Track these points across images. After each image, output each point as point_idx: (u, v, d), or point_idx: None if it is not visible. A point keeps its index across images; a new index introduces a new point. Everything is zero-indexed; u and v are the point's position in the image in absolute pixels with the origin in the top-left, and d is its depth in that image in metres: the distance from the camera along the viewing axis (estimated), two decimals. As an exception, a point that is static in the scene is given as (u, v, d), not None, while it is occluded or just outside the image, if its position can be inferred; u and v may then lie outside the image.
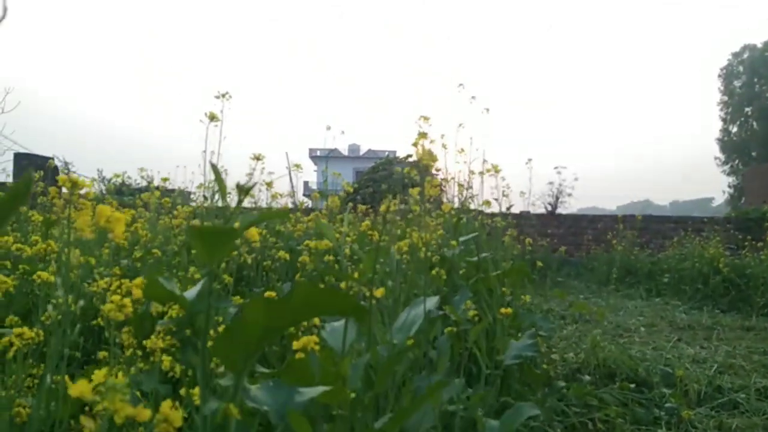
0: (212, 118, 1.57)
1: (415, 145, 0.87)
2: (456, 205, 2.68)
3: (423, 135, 0.86)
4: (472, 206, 2.84)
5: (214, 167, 0.54)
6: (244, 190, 0.55)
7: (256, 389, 0.69)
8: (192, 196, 4.87)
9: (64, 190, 0.90)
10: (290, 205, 4.68)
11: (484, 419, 1.19)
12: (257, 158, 2.01)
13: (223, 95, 1.76)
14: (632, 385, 2.82)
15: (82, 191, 0.79)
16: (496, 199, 3.07)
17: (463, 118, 2.22)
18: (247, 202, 4.64)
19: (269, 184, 2.65)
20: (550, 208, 12.56)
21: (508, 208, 3.39)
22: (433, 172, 3.01)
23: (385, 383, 0.80)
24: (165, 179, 3.49)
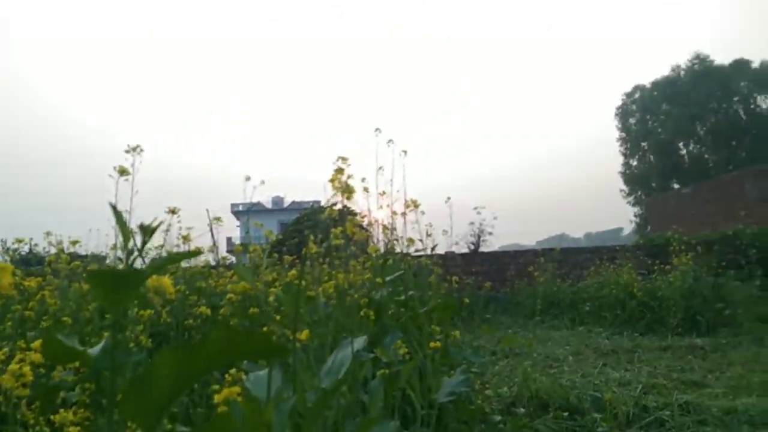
0: (122, 172, 1.50)
1: (332, 181, 0.87)
2: (382, 248, 2.70)
3: (340, 171, 0.87)
4: (397, 249, 2.87)
5: (113, 208, 0.51)
6: (148, 231, 0.52)
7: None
8: (107, 261, 4.61)
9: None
10: (212, 262, 4.52)
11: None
12: (172, 212, 1.93)
13: (134, 149, 1.70)
14: (565, 414, 2.88)
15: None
16: (420, 240, 3.12)
17: (383, 161, 2.27)
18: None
19: (186, 238, 2.54)
20: (473, 247, 12.92)
21: (432, 248, 3.44)
22: (358, 218, 3.02)
23: (313, 428, 0.76)
24: (75, 242, 3.28)
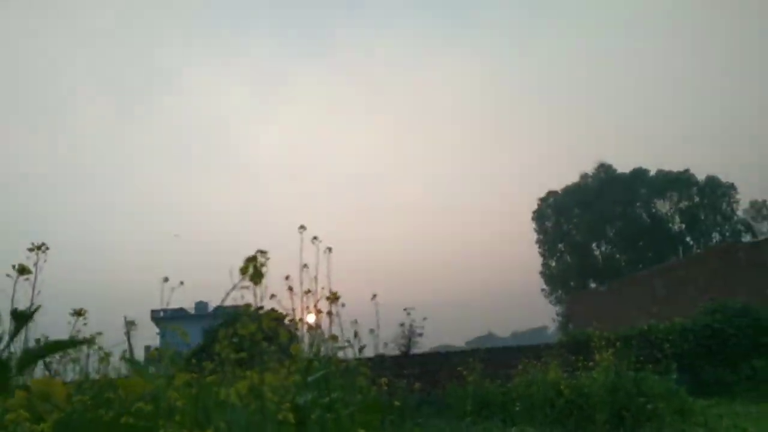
0: (22, 271, 1.38)
1: (243, 270, 0.84)
2: (306, 349, 2.60)
3: (252, 259, 0.84)
4: (323, 351, 2.77)
5: None
6: (22, 317, 0.46)
7: None
8: None
9: None
10: (126, 371, 4.18)
11: None
12: (79, 314, 1.79)
13: (38, 247, 1.59)
14: None
15: None
16: (347, 341, 3.03)
17: (307, 258, 2.25)
18: (72, 372, 4.02)
19: (90, 341, 2.34)
20: (404, 349, 12.75)
21: (360, 349, 3.35)
22: (279, 315, 2.92)
23: None
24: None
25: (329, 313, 2.29)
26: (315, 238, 2.12)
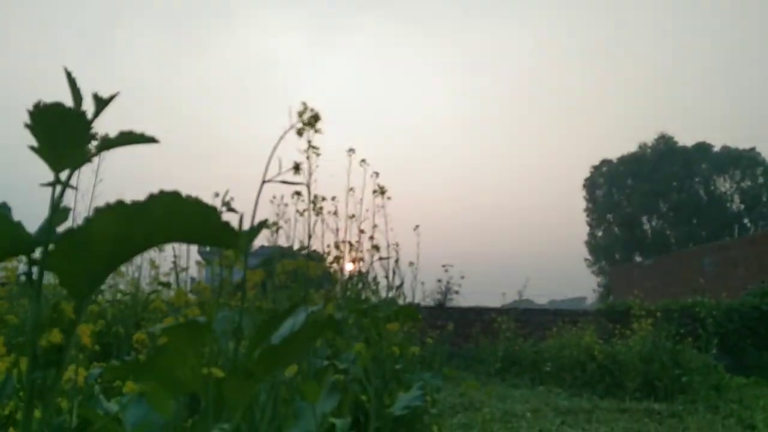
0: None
1: (300, 114, 0.85)
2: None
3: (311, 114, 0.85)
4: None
5: (68, 73, 0.48)
6: (102, 102, 0.49)
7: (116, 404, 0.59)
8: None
9: None
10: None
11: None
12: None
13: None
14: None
15: None
16: (386, 277, 3.09)
17: (353, 183, 2.27)
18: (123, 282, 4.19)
19: (153, 264, 2.46)
20: (439, 301, 12.85)
21: (398, 287, 3.41)
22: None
23: (251, 354, 0.72)
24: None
25: (371, 237, 2.33)
26: (363, 160, 2.13)
